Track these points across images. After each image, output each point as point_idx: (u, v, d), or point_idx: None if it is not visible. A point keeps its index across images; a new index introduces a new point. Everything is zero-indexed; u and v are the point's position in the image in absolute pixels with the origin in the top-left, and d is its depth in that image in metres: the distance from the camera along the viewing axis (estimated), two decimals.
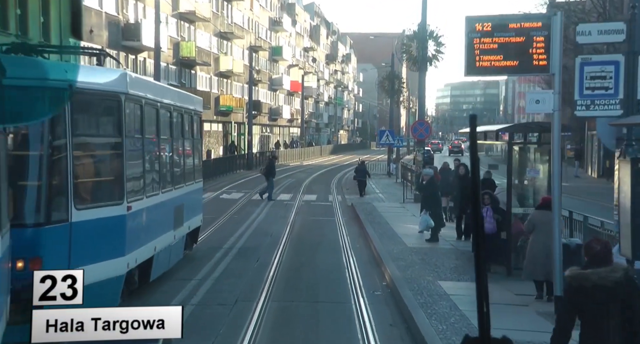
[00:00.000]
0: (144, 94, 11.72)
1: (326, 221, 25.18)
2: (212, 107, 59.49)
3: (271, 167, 32.95)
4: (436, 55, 31.53)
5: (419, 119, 31.71)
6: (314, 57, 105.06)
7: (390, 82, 53.36)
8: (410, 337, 10.49)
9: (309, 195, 34.83)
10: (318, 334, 10.86)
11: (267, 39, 78.52)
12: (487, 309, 3.12)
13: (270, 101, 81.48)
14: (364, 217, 24.73)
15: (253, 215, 26.27)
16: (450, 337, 9.80)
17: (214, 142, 63.06)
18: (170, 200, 13.52)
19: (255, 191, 33.43)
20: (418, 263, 15.57)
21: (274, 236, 20.85)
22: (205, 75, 58.69)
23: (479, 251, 3.25)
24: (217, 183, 41.31)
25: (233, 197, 33.25)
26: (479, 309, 3.11)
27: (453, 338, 9.72)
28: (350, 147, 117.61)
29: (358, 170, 34.15)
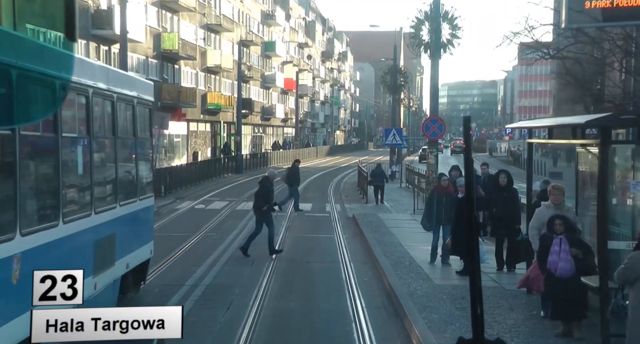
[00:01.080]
0: (18, 62, 6.95)
1: (323, 240, 20.49)
2: (198, 105, 54.80)
3: (295, 173, 28.35)
4: (451, 40, 26.83)
5: (432, 115, 27.06)
6: (309, 53, 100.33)
7: (392, 77, 48.62)
8: None
9: (303, 204, 30.12)
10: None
11: (259, 34, 73.78)
12: (480, 311, 3.15)
13: (263, 99, 76.76)
14: (369, 235, 20.05)
15: (234, 231, 21.56)
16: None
17: (202, 143, 58.36)
18: (85, 231, 8.82)
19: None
20: (457, 315, 10.84)
21: (257, 264, 16.16)
22: (191, 70, 53.97)
23: (472, 252, 3.28)
24: (200, 189, 36.57)
25: (214, 207, 28.53)
26: (473, 311, 3.18)
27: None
28: (347, 147, 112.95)
29: (375, 173, 29.52)
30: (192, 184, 37.73)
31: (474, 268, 3.26)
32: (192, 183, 37.73)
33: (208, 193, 34.90)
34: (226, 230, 21.64)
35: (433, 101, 27.40)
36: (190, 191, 34.81)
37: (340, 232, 21.69)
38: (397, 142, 31.08)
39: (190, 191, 34.86)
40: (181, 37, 50.41)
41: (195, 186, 37.43)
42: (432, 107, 27.42)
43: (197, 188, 36.65)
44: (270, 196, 17.94)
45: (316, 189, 39.02)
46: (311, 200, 32.17)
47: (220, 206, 28.68)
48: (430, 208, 15.78)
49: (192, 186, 37.20)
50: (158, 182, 31.44)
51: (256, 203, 17.81)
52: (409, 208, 28.08)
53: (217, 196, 33.39)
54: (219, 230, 21.89)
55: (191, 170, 39.08)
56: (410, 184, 35.67)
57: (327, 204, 30.70)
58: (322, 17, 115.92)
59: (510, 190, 14.44)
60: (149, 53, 45.55)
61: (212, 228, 22.18)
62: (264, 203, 17.49)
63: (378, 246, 17.86)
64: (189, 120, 54.26)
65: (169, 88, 47.73)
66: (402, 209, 27.99)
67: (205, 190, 36.17)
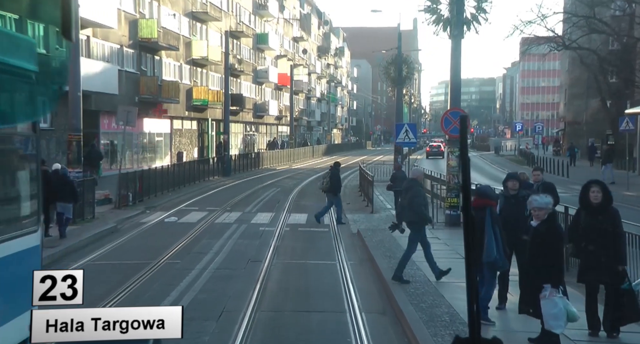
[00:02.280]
0: None
1: (321, 270, 15.55)
2: (183, 101, 49.86)
3: (338, 179, 23.86)
4: (477, 14, 21.89)
5: (453, 107, 22.13)
6: (305, 48, 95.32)
7: (396, 67, 43.48)
8: None
9: (297, 215, 25.22)
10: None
11: (250, 25, 68.76)
12: (477, 310, 3.14)
13: (255, 95, 71.78)
14: (384, 264, 15.12)
15: (205, 258, 16.57)
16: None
17: (187, 142, 53.39)
18: None
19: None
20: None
21: (226, 319, 11.15)
22: (174, 62, 48.96)
23: (468, 250, 3.20)
24: (178, 196, 31.58)
25: (189, 220, 23.57)
26: (469, 309, 3.16)
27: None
28: (345, 146, 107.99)
29: (396, 177, 24.82)
30: (170, 190, 32.76)
31: (470, 265, 3.15)
32: (169, 188, 32.75)
33: (186, 200, 29.92)
34: (195, 256, 16.67)
35: (454, 90, 22.49)
36: (165, 199, 29.84)
37: (343, 257, 16.73)
38: (411, 140, 26.07)
39: (166, 199, 29.88)
40: (162, 24, 45.47)
41: (172, 193, 32.46)
42: (453, 97, 22.52)
43: (174, 195, 31.66)
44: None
45: (312, 194, 34.06)
46: (306, 209, 27.25)
47: (197, 219, 23.72)
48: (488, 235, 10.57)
49: (169, 192, 32.23)
50: (125, 189, 26.48)
51: (408, 216, 13.66)
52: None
53: (196, 204, 28.40)
54: (186, 255, 16.89)
55: (169, 173, 34.09)
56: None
57: (326, 214, 25.73)
58: (318, 10, 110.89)
59: (607, 212, 9.50)
60: (124, 41, 40.55)
61: (178, 252, 17.19)
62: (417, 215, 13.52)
63: (399, 286, 12.89)
64: (173, 117, 49.31)
65: (147, 82, 42.80)
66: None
67: (184, 197, 31.19)
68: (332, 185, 23.37)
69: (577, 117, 71.36)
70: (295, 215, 25.25)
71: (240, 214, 25.33)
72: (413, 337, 9.83)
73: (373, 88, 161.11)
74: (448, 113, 22.15)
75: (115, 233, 20.30)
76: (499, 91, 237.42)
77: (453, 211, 22.06)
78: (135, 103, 41.71)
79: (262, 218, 24.35)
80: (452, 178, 22.17)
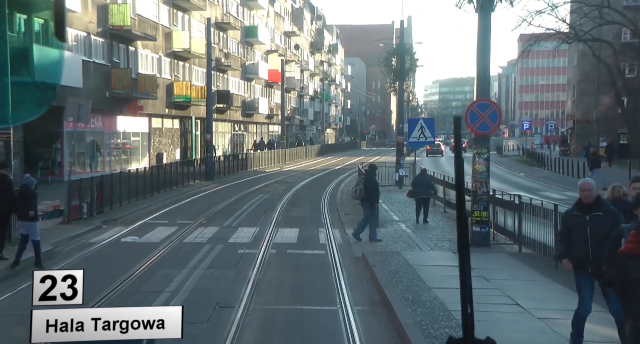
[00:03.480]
0: None
1: (319, 320, 10.97)
2: (162, 97, 45.31)
3: (373, 186, 18.96)
4: None
5: (480, 98, 17.59)
6: (297, 43, 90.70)
7: (398, 58, 38.72)
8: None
9: (286, 230, 20.66)
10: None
11: (238, 16, 64.12)
12: (470, 311, 3.09)
13: (244, 92, 67.17)
14: (403, 311, 10.60)
15: (156, 301, 11.95)
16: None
17: (168, 142, 48.78)
18: None
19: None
20: None
21: None
22: (152, 54, 44.31)
23: (462, 250, 3.13)
24: (146, 205, 26.99)
25: (152, 239, 18.93)
26: (463, 310, 3.10)
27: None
28: (339, 147, 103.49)
29: (418, 182, 20.37)
30: (140, 197, 28.19)
31: (464, 263, 3.05)
32: (139, 196, 28.17)
33: (157, 211, 25.35)
34: (141, 299, 12.06)
35: (482, 78, 17.93)
36: (131, 210, 25.25)
37: (346, 299, 12.14)
38: (428, 138, 21.45)
39: (132, 210, 25.29)
40: (137, 11, 40.85)
41: (143, 201, 27.87)
42: (481, 86, 17.96)
43: (143, 204, 27.06)
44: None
45: (305, 202, 29.53)
46: (298, 222, 22.73)
47: (162, 237, 19.12)
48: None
49: (138, 200, 27.65)
50: (78, 199, 21.88)
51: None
52: (442, 239, 18.69)
53: (167, 216, 23.82)
54: (130, 297, 12.26)
55: (139, 178, 29.48)
56: (439, 200, 26.10)
57: (321, 229, 21.19)
58: (311, 5, 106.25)
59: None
60: (92, 29, 35.89)
61: (119, 293, 12.54)
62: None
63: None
64: (151, 115, 44.71)
65: (120, 74, 38.16)
66: (431, 241, 18.54)
67: (155, 206, 26.62)
68: (368, 193, 18.72)
69: (586, 114, 66.87)
70: (284, 230, 20.68)
71: (216, 230, 20.76)
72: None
73: (367, 87, 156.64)
74: (474, 106, 17.61)
75: (48, 260, 15.68)
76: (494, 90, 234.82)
77: (482, 227, 17.58)
78: (105, 99, 37.17)
79: (243, 235, 19.77)
80: (480, 186, 17.65)
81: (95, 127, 37.63)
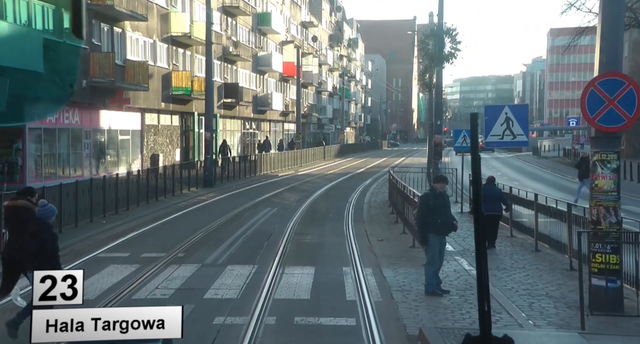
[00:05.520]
0: None
1: None
2: (158, 89, 38.83)
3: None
4: None
5: (607, 72, 10.92)
6: (315, 35, 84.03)
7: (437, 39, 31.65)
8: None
9: (295, 272, 13.93)
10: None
11: (249, 1, 57.51)
12: (488, 308, 3.05)
13: (256, 87, 60.57)
14: None
15: None
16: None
17: (165, 142, 42.17)
18: None
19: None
20: None
21: None
22: (144, 38, 37.77)
23: (480, 250, 3.12)
24: (116, 224, 20.38)
25: (88, 293, 12.25)
26: (480, 308, 3.06)
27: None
28: (359, 147, 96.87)
29: (488, 195, 14.06)
30: (106, 214, 21.60)
31: (481, 264, 3.00)
32: (104, 213, 21.57)
33: (119, 236, 18.69)
34: None
35: (609, 40, 11.21)
36: (85, 233, 18.62)
37: None
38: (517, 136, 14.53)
39: (86, 233, 18.66)
40: None
41: (108, 219, 21.27)
42: (607, 52, 11.23)
43: (107, 224, 20.44)
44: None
45: (324, 220, 22.83)
46: (313, 254, 16.09)
47: (105, 288, 12.49)
48: None
49: (102, 218, 21.05)
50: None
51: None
52: (535, 292, 11.99)
53: (130, 245, 17.17)
54: None
55: (117, 186, 22.91)
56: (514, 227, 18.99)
57: (347, 269, 14.42)
58: None
59: None
60: (63, 2, 29.29)
61: None
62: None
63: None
64: (144, 110, 38.19)
65: (101, 60, 31.63)
66: (519, 296, 11.83)
67: (121, 228, 20.00)
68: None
69: None
70: (292, 272, 13.97)
71: (193, 271, 14.09)
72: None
73: (388, 83, 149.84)
74: (595, 84, 10.93)
75: None
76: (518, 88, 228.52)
77: (610, 281, 10.85)
78: (82, 90, 30.61)
79: (231, 282, 13.09)
80: (605, 214, 10.92)
81: (71, 123, 31.24)
